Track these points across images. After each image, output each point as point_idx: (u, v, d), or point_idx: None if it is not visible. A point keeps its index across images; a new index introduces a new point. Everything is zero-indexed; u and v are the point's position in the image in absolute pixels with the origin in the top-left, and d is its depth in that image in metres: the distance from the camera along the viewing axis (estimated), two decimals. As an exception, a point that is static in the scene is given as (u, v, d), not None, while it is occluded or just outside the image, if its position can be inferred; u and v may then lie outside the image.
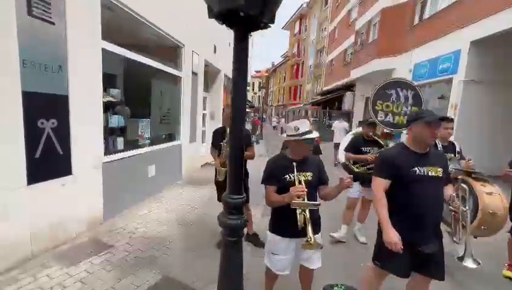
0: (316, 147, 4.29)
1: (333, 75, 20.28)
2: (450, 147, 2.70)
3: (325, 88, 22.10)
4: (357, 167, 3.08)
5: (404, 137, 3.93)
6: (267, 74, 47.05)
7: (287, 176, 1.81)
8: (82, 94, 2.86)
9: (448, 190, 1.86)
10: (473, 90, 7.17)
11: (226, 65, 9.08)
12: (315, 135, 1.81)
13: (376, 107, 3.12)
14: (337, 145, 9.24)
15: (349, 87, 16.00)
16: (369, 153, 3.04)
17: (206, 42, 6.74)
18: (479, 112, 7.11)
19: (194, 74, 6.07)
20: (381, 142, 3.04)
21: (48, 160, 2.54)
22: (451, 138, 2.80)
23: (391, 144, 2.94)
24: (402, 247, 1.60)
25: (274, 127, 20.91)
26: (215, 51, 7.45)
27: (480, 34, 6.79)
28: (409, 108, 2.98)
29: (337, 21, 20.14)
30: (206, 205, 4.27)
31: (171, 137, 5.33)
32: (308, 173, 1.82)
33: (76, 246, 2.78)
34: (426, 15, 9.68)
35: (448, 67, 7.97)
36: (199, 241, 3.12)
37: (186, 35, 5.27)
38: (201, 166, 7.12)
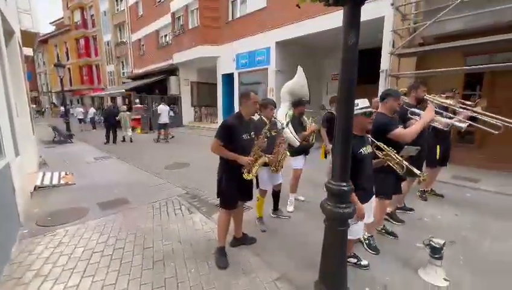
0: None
1: (146, 57, 18.67)
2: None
3: (137, 71, 19.86)
4: (305, 141, 3.62)
5: None
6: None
7: (361, 150, 2.03)
8: None
9: None
10: (281, 78, 10.19)
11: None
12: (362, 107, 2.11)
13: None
14: (162, 126, 10.33)
15: (172, 71, 15.74)
16: (308, 126, 3.69)
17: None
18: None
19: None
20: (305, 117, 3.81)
21: None
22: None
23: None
24: None
25: (80, 121, 15.63)
26: (5, -4, 4.30)
27: (281, 37, 9.64)
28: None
29: (139, -4, 18.24)
30: (130, 246, 2.90)
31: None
32: (370, 147, 2.15)
33: None
34: (237, 15, 11.73)
35: (263, 60, 10.53)
36: (204, 276, 2.29)
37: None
38: (32, 193, 4.28)
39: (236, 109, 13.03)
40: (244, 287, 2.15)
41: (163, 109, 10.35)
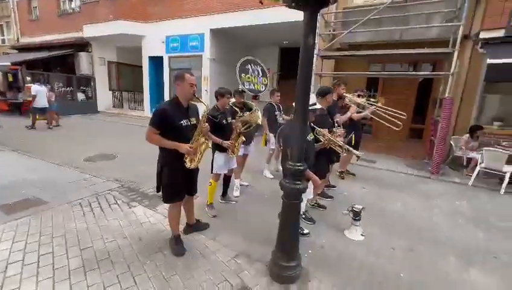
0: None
1: (41, 24, 14.85)
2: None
3: (27, 40, 15.60)
4: (245, 129, 3.80)
5: None
6: None
7: (308, 137, 2.38)
8: None
9: None
10: (216, 67, 10.08)
11: None
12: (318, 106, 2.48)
13: (242, 79, 3.96)
14: (40, 110, 8.54)
15: (83, 46, 13.11)
16: (242, 115, 3.89)
17: None
18: (221, 82, 10.25)
19: None
20: (250, 104, 4.01)
21: None
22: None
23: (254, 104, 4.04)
24: None
25: None
26: None
27: (216, 25, 9.46)
28: (261, 78, 4.19)
29: None
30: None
31: None
32: (312, 134, 2.53)
33: None
34: (168, -9, 10.69)
35: (197, 45, 10.10)
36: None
37: None
38: None
39: (166, 95, 12.11)
40: (206, 268, 2.24)
41: (39, 90, 8.38)
